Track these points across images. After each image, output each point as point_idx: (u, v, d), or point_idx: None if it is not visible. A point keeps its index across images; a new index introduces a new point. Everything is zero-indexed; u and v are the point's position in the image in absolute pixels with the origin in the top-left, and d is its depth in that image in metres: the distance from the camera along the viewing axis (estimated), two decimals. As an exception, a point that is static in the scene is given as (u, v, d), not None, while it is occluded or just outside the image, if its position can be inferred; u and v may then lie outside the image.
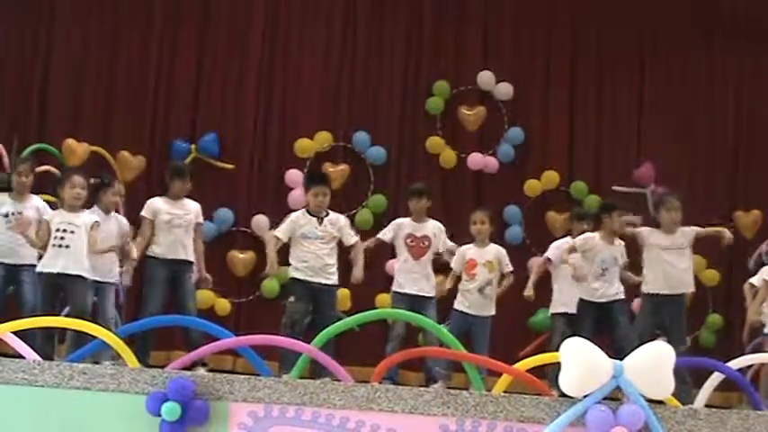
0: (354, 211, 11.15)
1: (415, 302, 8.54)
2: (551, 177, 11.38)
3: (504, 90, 11.56)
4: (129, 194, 10.52)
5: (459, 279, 8.83)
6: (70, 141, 10.63)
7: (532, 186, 11.39)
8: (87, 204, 8.19)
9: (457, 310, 8.70)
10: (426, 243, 8.78)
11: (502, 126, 11.55)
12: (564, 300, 9.06)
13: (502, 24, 11.78)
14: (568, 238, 9.25)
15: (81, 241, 7.72)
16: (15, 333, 5.53)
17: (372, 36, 11.75)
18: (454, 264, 8.83)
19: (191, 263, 8.79)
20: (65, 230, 7.70)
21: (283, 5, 11.76)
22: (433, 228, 8.90)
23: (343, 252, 8.65)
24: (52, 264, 7.68)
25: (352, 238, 8.59)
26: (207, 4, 11.71)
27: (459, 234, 9.37)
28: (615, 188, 11.00)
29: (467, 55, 11.74)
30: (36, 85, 11.49)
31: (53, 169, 10.10)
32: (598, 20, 11.71)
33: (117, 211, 8.79)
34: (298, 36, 11.70)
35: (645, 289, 8.62)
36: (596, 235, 8.72)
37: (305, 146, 11.32)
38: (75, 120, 11.38)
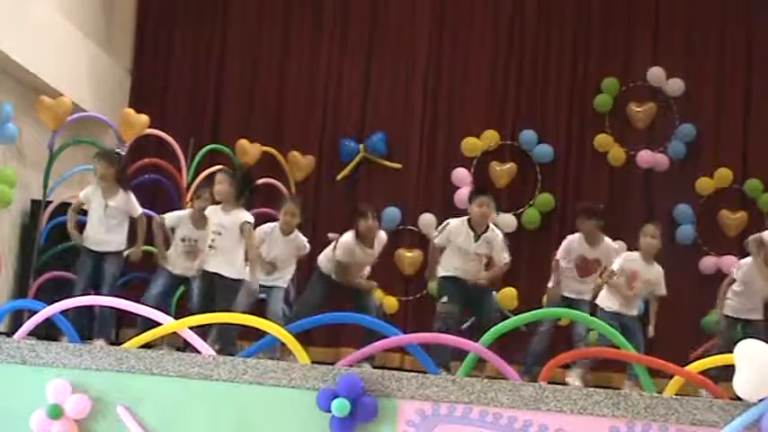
0: (521, 210, 11.14)
1: (572, 304, 8.45)
2: (724, 175, 11.05)
3: (676, 86, 11.31)
4: (298, 194, 10.77)
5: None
6: (243, 142, 10.90)
7: (704, 184, 11.09)
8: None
9: (608, 311, 8.25)
10: (596, 266, 8.58)
11: (672, 123, 11.32)
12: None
13: (672, 23, 11.52)
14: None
15: (228, 241, 7.59)
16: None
17: (539, 34, 11.67)
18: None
19: None
20: (215, 232, 7.64)
21: (450, 6, 11.81)
22: (607, 250, 8.62)
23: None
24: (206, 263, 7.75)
25: (504, 258, 8.36)
26: (375, 5, 11.87)
27: (626, 233, 9.18)
28: (790, 186, 10.67)
29: (636, 52, 11.53)
30: (211, 87, 11.90)
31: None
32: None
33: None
34: (464, 35, 11.74)
35: None
36: None
37: (472, 144, 11.33)
38: (248, 120, 11.72)
